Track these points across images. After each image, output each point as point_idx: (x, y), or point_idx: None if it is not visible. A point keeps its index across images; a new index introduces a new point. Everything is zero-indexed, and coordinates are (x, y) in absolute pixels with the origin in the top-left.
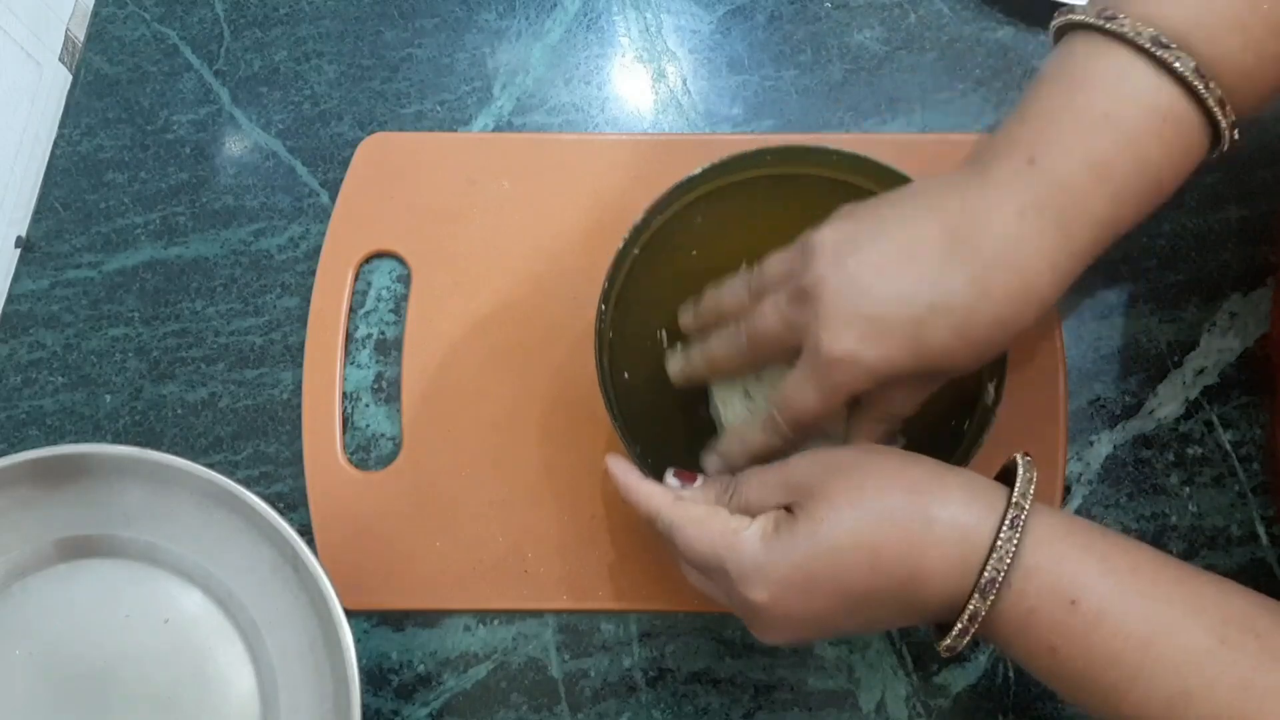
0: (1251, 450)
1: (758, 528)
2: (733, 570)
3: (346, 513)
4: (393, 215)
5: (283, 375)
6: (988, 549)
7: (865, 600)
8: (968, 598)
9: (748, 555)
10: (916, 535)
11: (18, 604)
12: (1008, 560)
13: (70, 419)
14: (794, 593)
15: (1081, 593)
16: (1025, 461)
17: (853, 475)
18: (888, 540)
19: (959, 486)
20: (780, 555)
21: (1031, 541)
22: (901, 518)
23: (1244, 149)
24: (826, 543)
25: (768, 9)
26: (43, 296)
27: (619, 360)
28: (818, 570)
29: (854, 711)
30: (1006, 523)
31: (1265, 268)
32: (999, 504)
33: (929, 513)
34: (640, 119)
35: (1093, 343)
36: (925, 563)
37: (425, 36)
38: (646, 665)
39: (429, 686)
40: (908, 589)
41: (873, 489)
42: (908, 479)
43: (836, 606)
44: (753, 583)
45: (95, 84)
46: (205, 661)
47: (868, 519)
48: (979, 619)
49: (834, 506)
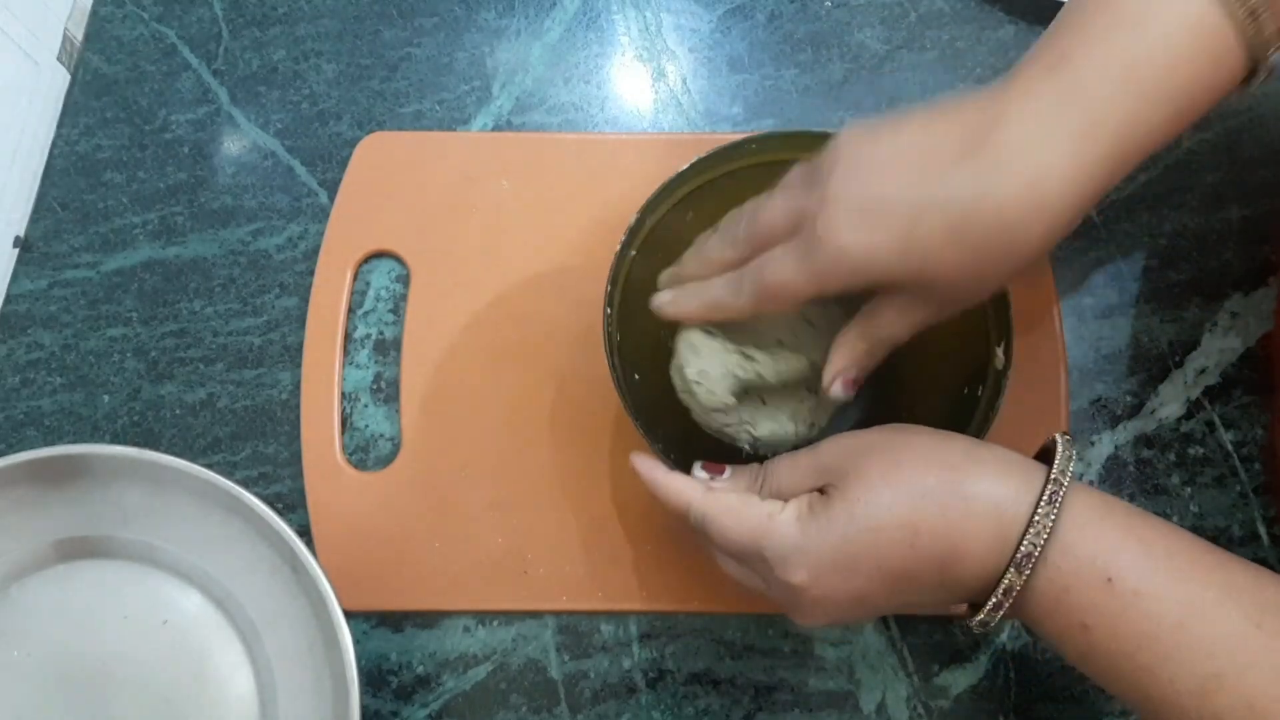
0: (1253, 450)
1: (793, 510)
2: (770, 555)
3: (345, 513)
4: (392, 215)
5: (281, 375)
6: (1025, 524)
7: (904, 578)
8: (1003, 572)
9: (786, 538)
10: (954, 512)
11: (16, 605)
12: (1045, 535)
13: (68, 419)
14: (833, 573)
15: (1118, 571)
16: (1064, 440)
17: (886, 454)
18: (926, 518)
19: (995, 462)
20: (818, 536)
21: (1069, 519)
22: (939, 495)
23: (1245, 148)
24: (864, 522)
25: (768, 8)
26: (41, 296)
27: (627, 361)
28: (857, 549)
29: (854, 712)
30: (1045, 498)
31: (1267, 267)
32: (1036, 480)
33: (966, 489)
34: (640, 118)
35: (1094, 342)
36: (963, 539)
37: (424, 36)
38: (646, 666)
39: (428, 688)
40: (946, 566)
41: (909, 467)
42: (943, 456)
43: (876, 585)
44: (792, 565)
45: (93, 83)
46: (204, 662)
47: (905, 497)
48: (1014, 594)
49: (870, 486)
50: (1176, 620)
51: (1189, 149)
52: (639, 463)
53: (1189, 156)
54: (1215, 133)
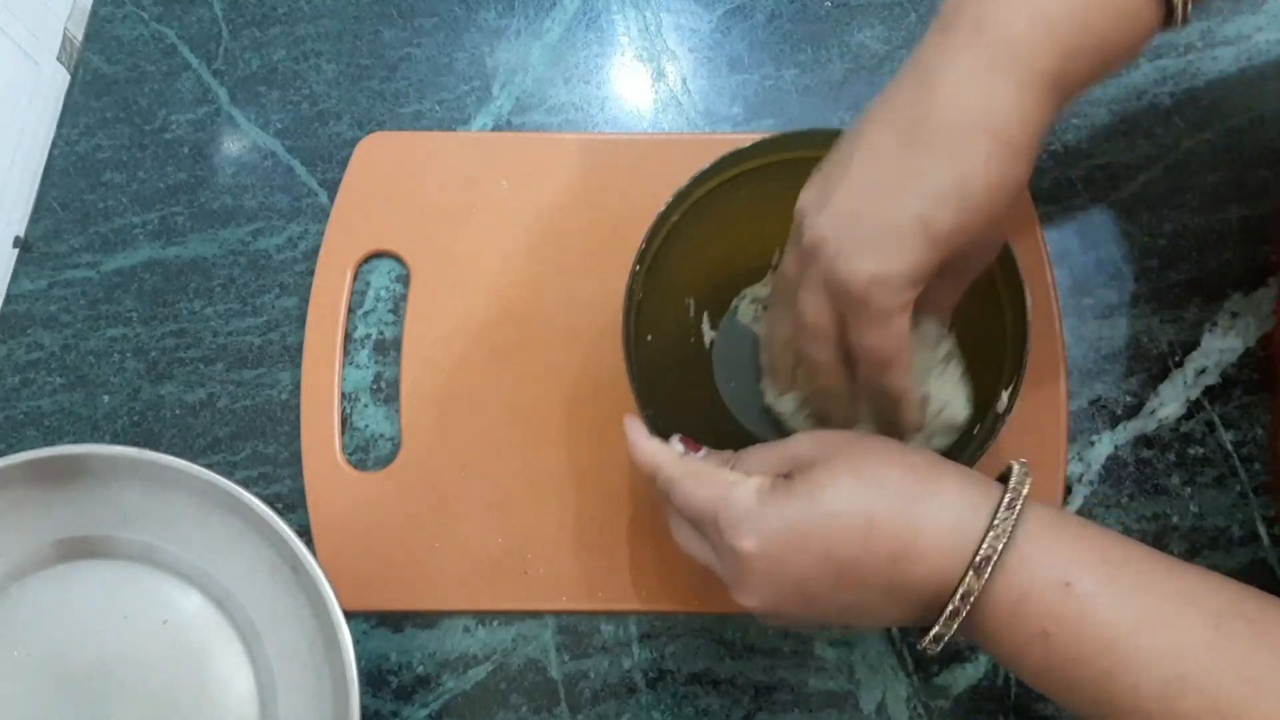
0: (1253, 450)
1: (755, 482)
2: (723, 519)
3: (345, 513)
4: (391, 215)
5: (281, 375)
6: (984, 529)
7: (852, 572)
8: (961, 576)
9: (741, 504)
10: (912, 511)
11: (16, 605)
12: (1003, 540)
13: (68, 419)
14: (782, 547)
15: (1076, 577)
16: (1021, 463)
17: (855, 451)
18: (883, 512)
19: (957, 474)
20: (775, 509)
21: (1027, 527)
22: (899, 493)
23: (1245, 148)
24: (822, 506)
25: (768, 8)
26: (41, 297)
27: (644, 322)
28: (810, 530)
29: (854, 712)
30: (1004, 503)
31: (1267, 267)
32: (995, 494)
33: (927, 492)
34: (640, 118)
35: (1094, 343)
36: (919, 539)
37: (424, 36)
38: (646, 666)
39: (428, 688)
40: (898, 566)
41: (874, 464)
42: (909, 462)
43: (822, 572)
44: (742, 531)
45: (93, 83)
46: (204, 662)
47: (866, 489)
48: (971, 599)
49: (834, 474)
50: (1135, 625)
51: (1189, 149)
52: (627, 423)
53: (1189, 156)
54: (1215, 133)
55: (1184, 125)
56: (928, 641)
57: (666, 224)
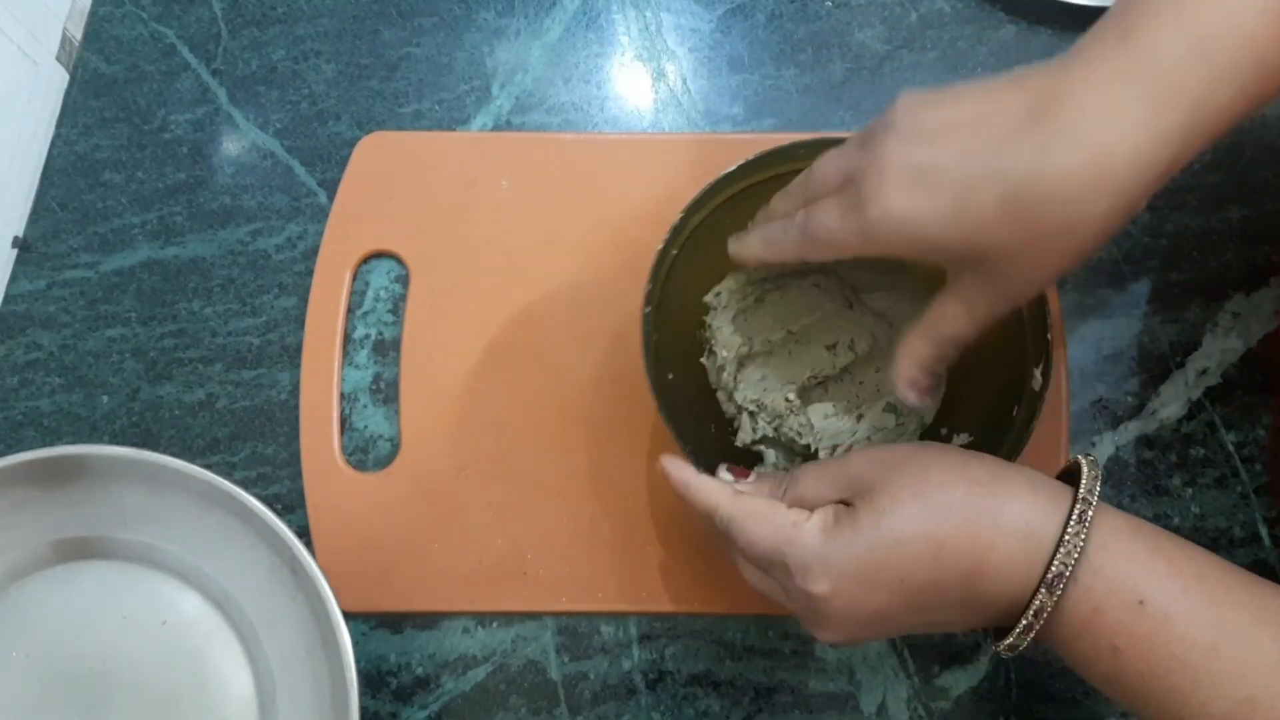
0: (1254, 451)
1: (818, 519)
2: (793, 563)
3: (344, 514)
4: (391, 215)
5: (280, 376)
6: (1054, 544)
7: (928, 595)
8: (1033, 593)
9: (809, 546)
10: (982, 528)
11: (15, 606)
12: (1075, 555)
13: (67, 420)
14: (856, 585)
15: (1149, 594)
16: (1089, 460)
17: (913, 469)
18: (952, 533)
19: (1023, 482)
20: (842, 546)
21: (1098, 539)
22: (966, 511)
23: (1246, 149)
24: (890, 534)
25: (768, 8)
26: (39, 297)
27: (662, 361)
28: (880, 561)
29: (855, 714)
30: (1074, 517)
31: (1268, 268)
32: (1064, 501)
33: (994, 506)
34: (640, 118)
35: (1095, 343)
36: (990, 556)
37: (423, 35)
38: (646, 667)
39: (427, 689)
40: (972, 584)
41: (936, 482)
42: (971, 474)
43: (898, 601)
44: (814, 575)
45: (92, 83)
46: (203, 663)
47: (932, 511)
48: (1044, 615)
49: (896, 499)
50: (1209, 644)
51: None
52: (669, 464)
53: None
54: None
55: None
56: (1003, 648)
57: (667, 259)
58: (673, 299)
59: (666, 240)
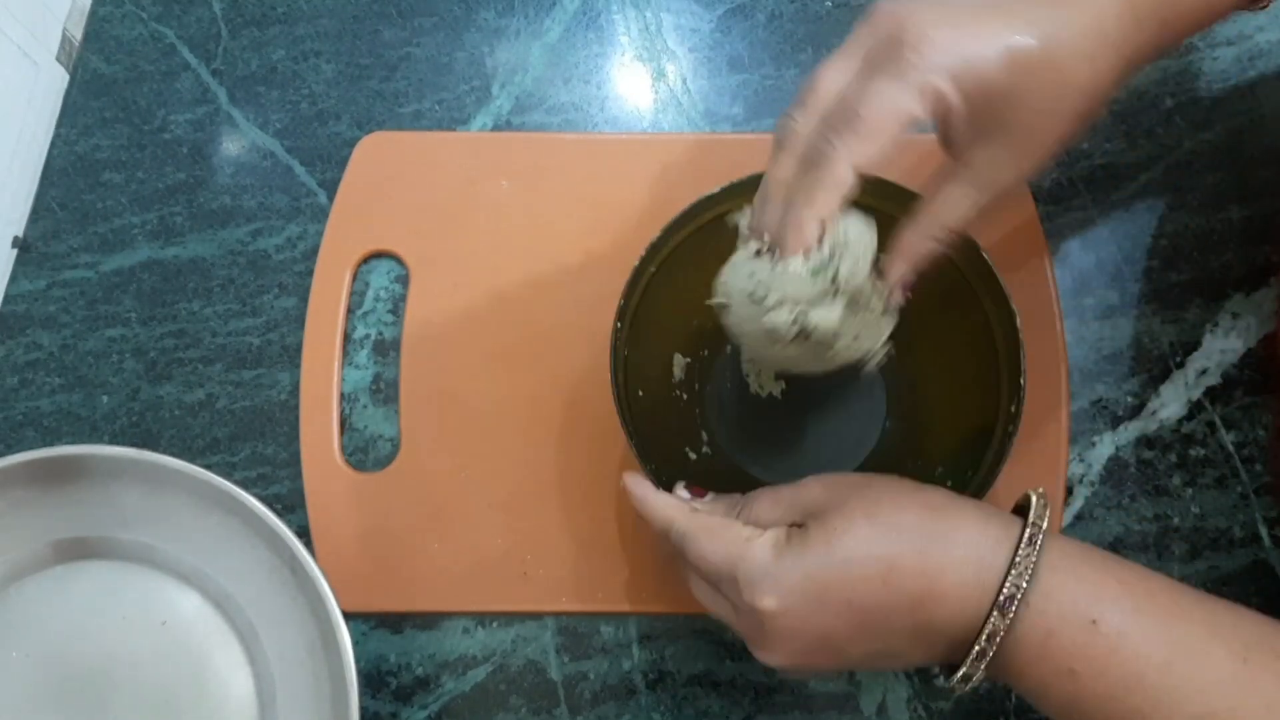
0: (1254, 451)
1: (770, 537)
2: (742, 577)
3: (344, 514)
4: (391, 215)
5: (280, 376)
6: (1005, 567)
7: (877, 619)
8: (986, 617)
9: (759, 562)
10: (933, 552)
11: (15, 606)
12: (1026, 578)
13: (67, 420)
14: (804, 602)
15: (1101, 613)
16: (1038, 493)
17: (868, 494)
18: (903, 554)
19: (974, 508)
20: (792, 563)
21: (1049, 561)
22: (917, 534)
23: (1246, 148)
24: (840, 553)
25: (768, 8)
26: (39, 297)
27: (633, 379)
28: (830, 581)
29: (855, 714)
30: (1025, 539)
31: (1268, 268)
32: (1014, 528)
33: (945, 531)
34: (640, 118)
35: (1095, 343)
36: (941, 580)
37: (424, 35)
38: (646, 668)
39: (427, 689)
40: (923, 608)
41: (889, 505)
42: (924, 499)
43: (846, 624)
44: (762, 589)
45: (92, 83)
46: (203, 664)
47: (883, 533)
48: (998, 639)
49: (849, 519)
50: (1164, 660)
51: (1190, 149)
52: (629, 481)
53: (1190, 156)
54: (1216, 133)
55: (1185, 125)
56: (956, 681)
57: (644, 276)
58: (648, 318)
59: (643, 258)
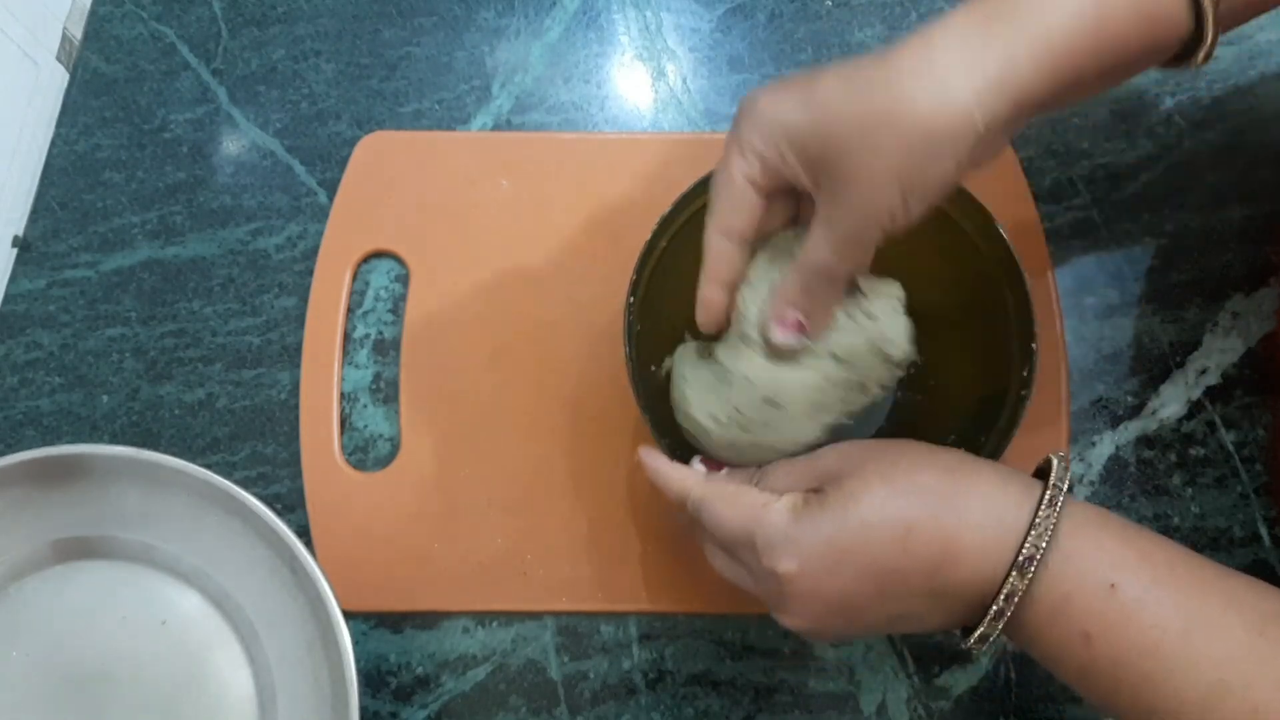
0: (1254, 451)
1: (788, 501)
2: (760, 542)
3: (344, 514)
4: (391, 215)
5: (280, 376)
6: (1025, 528)
7: (895, 581)
8: (1004, 578)
9: (777, 526)
10: (951, 513)
11: (14, 605)
12: (1046, 538)
13: (67, 419)
14: (822, 565)
15: (1120, 579)
16: (1059, 456)
17: (884, 458)
18: (921, 516)
19: (992, 469)
20: (810, 527)
21: (1069, 525)
22: (935, 495)
23: (1246, 148)
24: (858, 517)
25: (768, 7)
26: (39, 296)
27: (645, 354)
28: (848, 543)
29: (855, 714)
30: (1045, 502)
31: (1268, 267)
32: (1034, 489)
33: (963, 492)
34: (640, 118)
35: (1095, 343)
36: (959, 541)
37: (424, 35)
38: (646, 667)
39: (427, 688)
40: (941, 570)
41: (905, 467)
42: (941, 461)
43: (865, 586)
44: (780, 553)
45: (92, 83)
46: (203, 663)
47: (901, 495)
48: (1015, 599)
49: (866, 483)
50: (1181, 629)
51: (1190, 149)
52: (645, 454)
53: (1190, 156)
54: (1216, 133)
55: (1185, 125)
56: (973, 642)
57: (655, 251)
58: (659, 292)
59: (655, 231)
